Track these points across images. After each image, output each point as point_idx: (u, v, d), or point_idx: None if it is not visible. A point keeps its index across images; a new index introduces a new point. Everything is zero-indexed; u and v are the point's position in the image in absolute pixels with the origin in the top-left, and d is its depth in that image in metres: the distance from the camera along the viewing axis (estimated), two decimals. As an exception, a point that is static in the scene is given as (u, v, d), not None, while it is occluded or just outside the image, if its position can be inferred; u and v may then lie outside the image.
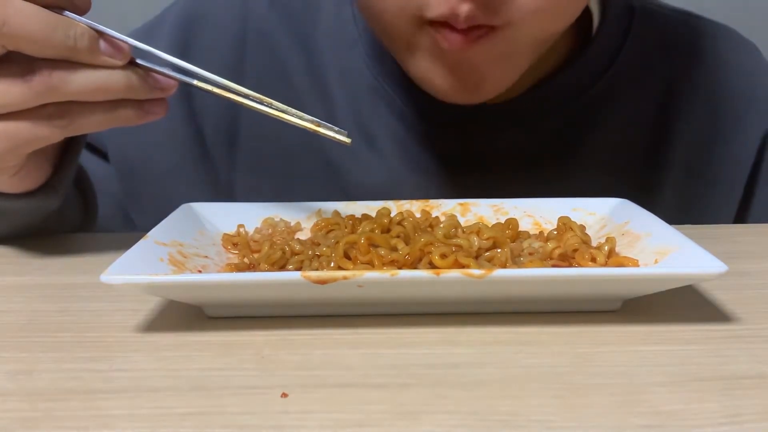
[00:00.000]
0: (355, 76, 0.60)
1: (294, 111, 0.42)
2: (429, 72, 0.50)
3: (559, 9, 0.47)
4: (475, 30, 0.45)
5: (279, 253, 0.42)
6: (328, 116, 0.59)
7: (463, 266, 0.37)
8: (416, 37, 0.48)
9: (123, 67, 0.40)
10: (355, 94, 0.60)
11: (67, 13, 0.39)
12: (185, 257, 0.40)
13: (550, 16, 0.47)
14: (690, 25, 0.64)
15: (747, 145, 0.62)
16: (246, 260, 0.42)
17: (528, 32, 0.47)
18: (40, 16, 0.37)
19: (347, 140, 0.42)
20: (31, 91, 0.38)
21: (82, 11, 0.40)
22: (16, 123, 0.39)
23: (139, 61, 0.41)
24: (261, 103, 0.42)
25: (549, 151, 0.60)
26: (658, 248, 0.39)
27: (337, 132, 0.42)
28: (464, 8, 0.43)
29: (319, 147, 0.60)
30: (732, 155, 0.62)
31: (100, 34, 0.39)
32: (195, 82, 0.42)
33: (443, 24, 0.45)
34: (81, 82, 0.39)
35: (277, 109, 0.42)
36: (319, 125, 0.42)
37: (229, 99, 0.42)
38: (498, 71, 0.50)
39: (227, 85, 0.41)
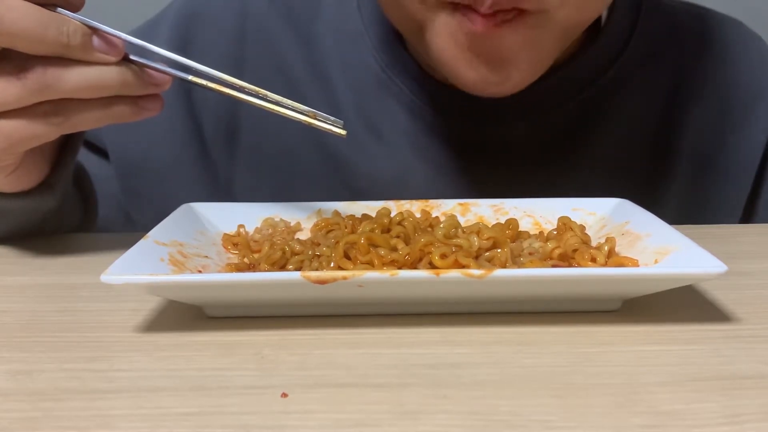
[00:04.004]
0: (360, 69, 0.60)
1: (289, 102, 0.42)
2: (455, 60, 0.49)
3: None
4: (501, 14, 0.45)
5: (279, 253, 0.42)
6: (332, 109, 0.59)
7: (463, 266, 0.37)
8: (439, 22, 0.47)
9: (117, 64, 0.40)
10: (360, 86, 0.60)
11: (60, 9, 0.39)
12: (185, 257, 0.40)
13: (579, 4, 0.46)
14: (697, 16, 0.64)
15: (755, 137, 0.62)
16: (246, 260, 0.42)
17: (558, 19, 0.46)
18: (33, 13, 0.37)
19: (342, 132, 0.42)
20: (25, 89, 0.38)
21: (75, 8, 0.40)
22: (11, 121, 0.39)
23: (132, 57, 0.41)
24: (256, 95, 0.42)
25: (558, 140, 0.60)
26: (658, 248, 0.39)
27: (332, 123, 0.42)
28: None
29: (322, 141, 0.60)
30: (740, 147, 0.62)
31: (94, 30, 0.39)
32: (190, 77, 0.42)
33: (467, 7, 0.45)
34: (75, 79, 0.39)
35: (272, 101, 0.42)
36: (315, 116, 0.42)
37: (222, 93, 0.42)
38: (526, 59, 0.49)
39: (222, 78, 0.41)
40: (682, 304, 0.38)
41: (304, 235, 0.47)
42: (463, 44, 0.48)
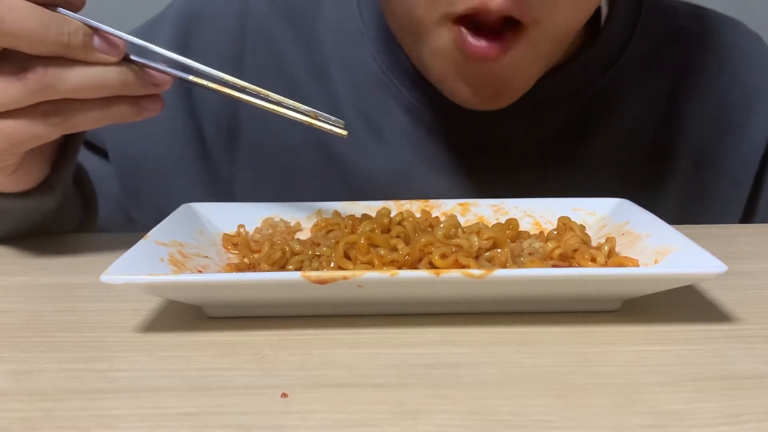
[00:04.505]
0: (360, 69, 0.60)
1: (290, 102, 0.42)
2: (451, 78, 0.50)
3: (581, 2, 0.47)
4: (502, 35, 0.45)
5: (279, 253, 0.42)
6: (332, 109, 0.59)
7: (463, 266, 0.37)
8: (443, 38, 0.48)
9: (118, 64, 0.40)
10: (360, 86, 0.60)
11: (60, 10, 0.39)
12: (185, 257, 0.40)
13: (572, 10, 0.47)
14: (697, 16, 0.64)
15: (755, 138, 0.62)
16: (246, 260, 0.42)
17: (552, 30, 0.47)
18: (34, 13, 0.37)
19: (343, 132, 0.42)
20: (26, 90, 0.38)
21: (76, 8, 0.40)
22: (11, 121, 0.39)
23: (133, 57, 0.41)
24: (257, 96, 0.42)
25: (558, 141, 0.60)
26: (658, 248, 0.39)
27: (333, 123, 0.42)
28: (496, 1, 0.43)
29: (323, 141, 0.60)
30: (740, 148, 0.62)
31: (95, 30, 0.39)
32: (190, 77, 0.42)
33: (470, 24, 0.46)
34: (76, 79, 0.39)
35: (273, 102, 0.42)
36: (316, 117, 0.42)
37: (223, 94, 0.42)
38: (522, 77, 0.50)
39: (223, 78, 0.41)
40: (682, 304, 0.38)
41: (304, 235, 0.47)
42: (460, 64, 0.48)
